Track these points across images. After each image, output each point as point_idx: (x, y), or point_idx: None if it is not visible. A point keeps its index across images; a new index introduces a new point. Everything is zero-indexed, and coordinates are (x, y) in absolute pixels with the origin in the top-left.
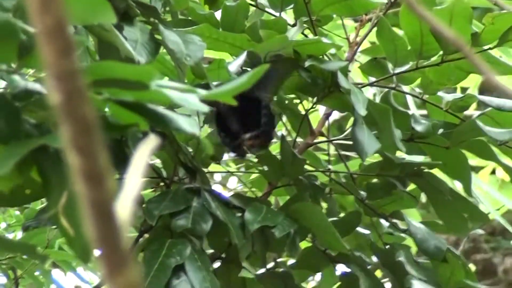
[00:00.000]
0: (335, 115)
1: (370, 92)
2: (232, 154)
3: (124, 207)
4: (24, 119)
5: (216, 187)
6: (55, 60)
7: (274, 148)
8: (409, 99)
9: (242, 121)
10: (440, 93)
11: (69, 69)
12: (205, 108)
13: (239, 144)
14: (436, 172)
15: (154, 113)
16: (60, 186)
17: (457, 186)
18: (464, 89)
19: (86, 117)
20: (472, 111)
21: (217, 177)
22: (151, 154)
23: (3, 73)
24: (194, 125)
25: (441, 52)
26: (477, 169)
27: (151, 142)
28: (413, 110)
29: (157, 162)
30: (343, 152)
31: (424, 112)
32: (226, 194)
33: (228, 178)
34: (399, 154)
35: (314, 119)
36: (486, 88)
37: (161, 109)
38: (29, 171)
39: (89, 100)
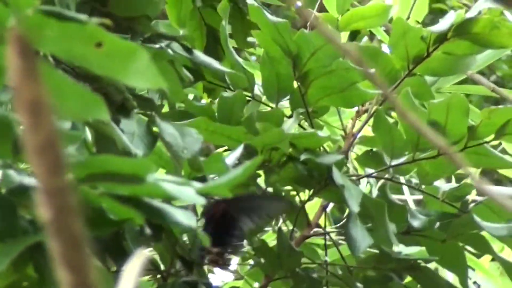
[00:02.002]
0: None
1: (364, 183)
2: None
3: None
4: (20, 215)
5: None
6: (46, 177)
7: (268, 236)
8: (405, 187)
9: (216, 234)
10: (436, 183)
11: (59, 186)
12: (202, 201)
13: (203, 254)
14: (433, 264)
15: (150, 207)
16: (57, 283)
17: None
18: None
19: (76, 233)
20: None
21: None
22: (140, 270)
23: None
24: (191, 218)
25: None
26: (477, 255)
27: (140, 257)
28: (408, 199)
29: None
30: (340, 240)
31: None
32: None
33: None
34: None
35: (312, 208)
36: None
37: (157, 203)
38: (25, 267)
39: (78, 217)
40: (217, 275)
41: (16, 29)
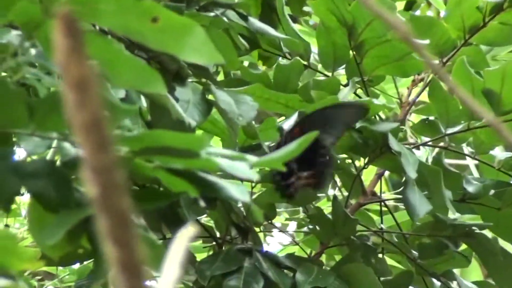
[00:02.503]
0: None
1: (422, 151)
2: (279, 194)
3: None
4: (74, 187)
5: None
6: (92, 154)
7: (323, 203)
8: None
9: (299, 160)
10: (493, 152)
11: (106, 163)
12: (255, 177)
13: (291, 183)
14: (488, 232)
15: (204, 181)
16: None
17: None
18: None
19: (123, 210)
20: None
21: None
22: (189, 244)
23: (54, 141)
24: (245, 193)
25: (492, 113)
26: None
27: (188, 231)
28: (470, 163)
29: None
30: (396, 204)
31: None
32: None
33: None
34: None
35: (368, 174)
36: None
37: (211, 177)
38: (79, 239)
39: (125, 193)
40: (273, 241)
41: (63, 6)
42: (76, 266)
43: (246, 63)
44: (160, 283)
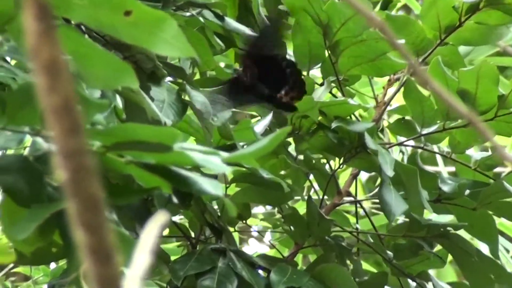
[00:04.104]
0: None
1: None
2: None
3: (132, 284)
4: (46, 182)
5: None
6: (63, 138)
7: (299, 205)
8: (439, 158)
9: (267, 84)
10: (469, 152)
11: (76, 147)
12: (228, 170)
13: (280, 101)
14: (463, 232)
15: (177, 176)
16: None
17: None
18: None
19: (93, 195)
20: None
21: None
22: (160, 231)
23: (26, 135)
24: (218, 187)
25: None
26: None
27: (160, 219)
28: (442, 168)
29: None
30: (372, 209)
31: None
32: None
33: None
34: (426, 213)
35: (345, 176)
36: None
37: (184, 172)
38: (51, 234)
39: (96, 178)
40: (251, 246)
41: None
42: (51, 267)
43: (222, 64)
44: (130, 271)
